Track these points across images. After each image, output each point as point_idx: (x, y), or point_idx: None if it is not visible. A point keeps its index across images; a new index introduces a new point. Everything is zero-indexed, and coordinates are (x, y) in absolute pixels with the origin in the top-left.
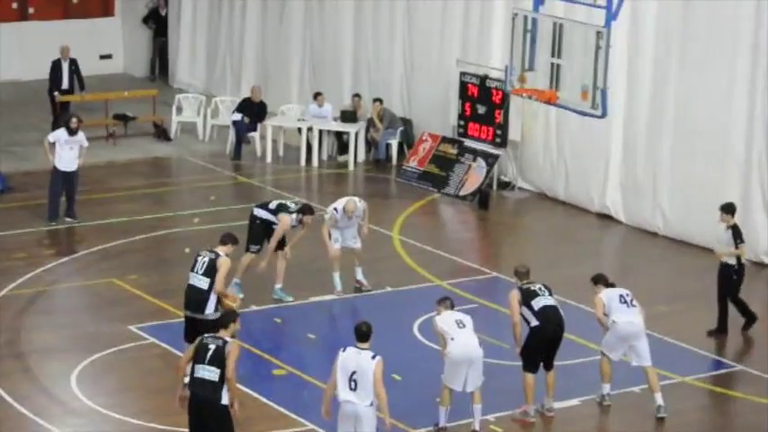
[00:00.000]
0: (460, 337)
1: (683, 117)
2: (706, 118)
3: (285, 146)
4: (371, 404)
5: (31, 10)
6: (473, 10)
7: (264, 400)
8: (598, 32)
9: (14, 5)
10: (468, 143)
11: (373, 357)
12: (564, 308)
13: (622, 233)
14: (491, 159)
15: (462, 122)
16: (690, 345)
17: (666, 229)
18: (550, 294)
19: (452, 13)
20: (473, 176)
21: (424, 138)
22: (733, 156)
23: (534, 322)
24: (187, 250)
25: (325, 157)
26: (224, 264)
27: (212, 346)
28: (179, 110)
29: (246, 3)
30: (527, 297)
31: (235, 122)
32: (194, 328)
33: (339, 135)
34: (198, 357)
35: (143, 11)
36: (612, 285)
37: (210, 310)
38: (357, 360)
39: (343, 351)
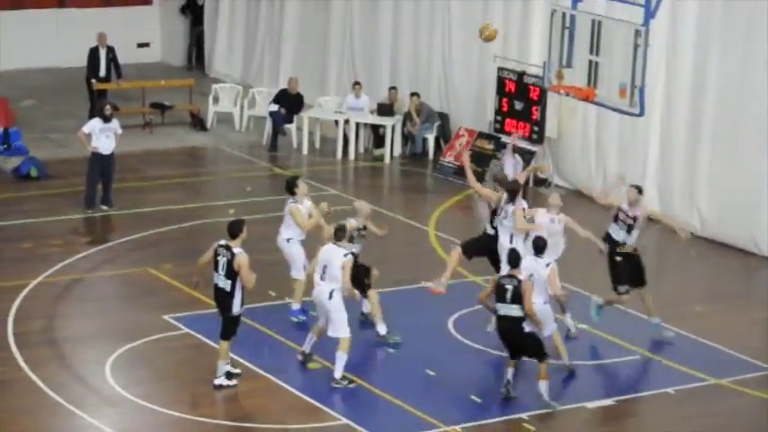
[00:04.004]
0: None
1: (722, 116)
2: (745, 118)
3: (321, 138)
4: None
5: None
6: (513, 6)
7: (298, 393)
8: (636, 30)
9: None
10: (505, 139)
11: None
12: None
13: (658, 232)
14: (527, 156)
15: (499, 118)
16: (725, 346)
17: (703, 230)
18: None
19: (492, 8)
20: (509, 173)
21: (460, 133)
22: None
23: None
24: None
25: (361, 149)
26: (242, 263)
27: (509, 287)
28: (216, 100)
29: None
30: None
31: (271, 113)
32: (221, 322)
33: (376, 128)
34: (498, 297)
35: (181, 0)
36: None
37: (237, 308)
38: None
39: None
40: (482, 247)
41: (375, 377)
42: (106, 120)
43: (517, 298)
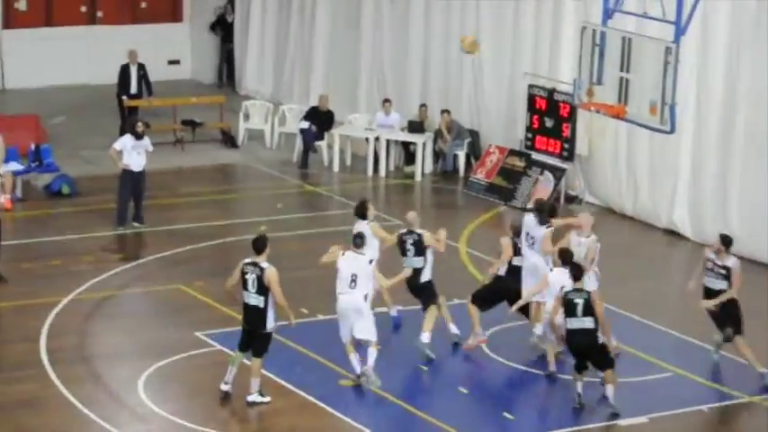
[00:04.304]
0: None
1: (753, 133)
2: None
3: (352, 155)
4: None
5: (99, 14)
6: (543, 23)
7: (330, 409)
8: (667, 47)
9: (83, 9)
10: (536, 156)
11: None
12: (630, 324)
13: (689, 250)
14: (558, 173)
15: (530, 135)
16: (759, 364)
17: (734, 247)
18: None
19: (522, 25)
20: (540, 190)
21: (491, 150)
22: None
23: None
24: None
25: (392, 167)
26: (273, 278)
27: (579, 300)
28: (246, 117)
29: (316, 11)
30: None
31: (302, 131)
32: (253, 340)
33: (406, 145)
34: (568, 312)
35: (211, 17)
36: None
37: (271, 324)
38: None
39: None
40: (495, 294)
41: (409, 395)
42: (138, 137)
43: (588, 310)
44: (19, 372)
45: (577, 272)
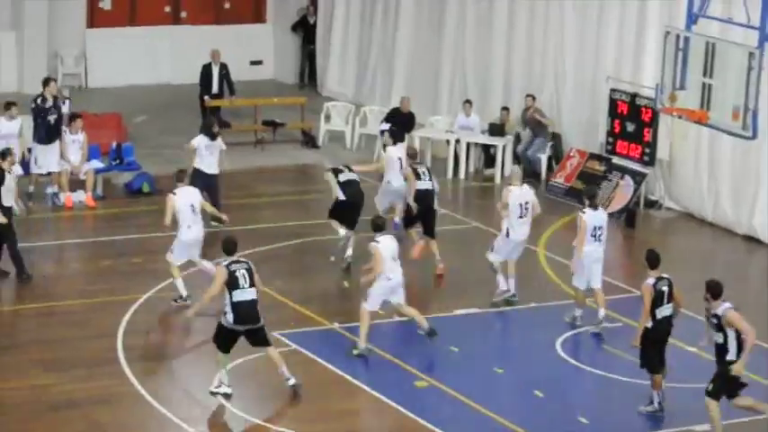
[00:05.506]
0: None
1: None
2: None
3: (432, 157)
4: None
5: (183, 14)
6: (627, 27)
7: (405, 411)
8: (750, 53)
9: (167, 9)
10: (616, 160)
11: None
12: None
13: (765, 257)
14: (639, 177)
15: (611, 139)
16: None
17: None
18: (430, 179)
19: (606, 30)
20: (620, 194)
21: (571, 154)
22: None
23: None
24: (332, 258)
25: (471, 169)
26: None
27: (665, 288)
28: (327, 118)
29: (399, 14)
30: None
31: (383, 132)
32: (253, 338)
33: (486, 148)
34: (658, 302)
35: (294, 18)
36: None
37: None
38: None
39: None
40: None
41: (483, 397)
42: (213, 137)
43: (671, 296)
44: (95, 368)
45: (655, 259)
